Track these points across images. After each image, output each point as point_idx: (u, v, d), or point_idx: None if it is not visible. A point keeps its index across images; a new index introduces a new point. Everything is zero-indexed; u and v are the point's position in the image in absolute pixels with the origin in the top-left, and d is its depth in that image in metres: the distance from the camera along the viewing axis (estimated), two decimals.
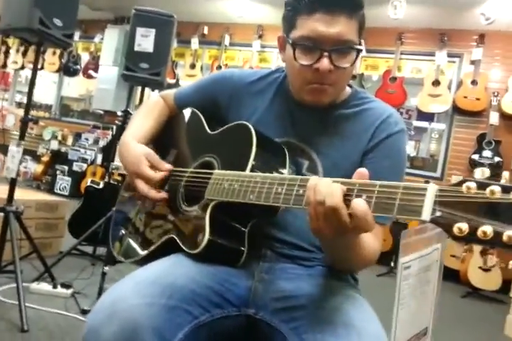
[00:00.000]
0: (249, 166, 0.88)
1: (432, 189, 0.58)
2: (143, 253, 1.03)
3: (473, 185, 0.54)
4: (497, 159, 4.59)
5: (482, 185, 0.54)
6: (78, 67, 6.70)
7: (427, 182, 4.78)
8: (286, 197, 0.75)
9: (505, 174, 4.37)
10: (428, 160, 5.32)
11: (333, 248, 0.83)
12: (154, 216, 1.08)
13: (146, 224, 1.09)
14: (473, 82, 4.80)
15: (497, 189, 0.52)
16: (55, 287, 2.28)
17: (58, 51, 6.67)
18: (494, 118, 4.60)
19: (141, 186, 1.01)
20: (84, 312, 2.10)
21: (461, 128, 4.96)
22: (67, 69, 6.72)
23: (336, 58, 0.91)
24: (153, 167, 1.03)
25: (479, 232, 0.53)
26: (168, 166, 1.04)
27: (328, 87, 0.96)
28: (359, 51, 0.94)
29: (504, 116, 4.67)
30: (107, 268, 2.26)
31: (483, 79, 4.81)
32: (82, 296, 2.31)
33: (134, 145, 1.07)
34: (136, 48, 2.53)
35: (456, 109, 4.91)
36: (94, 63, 6.48)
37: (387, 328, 0.80)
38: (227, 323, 0.86)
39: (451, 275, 4.44)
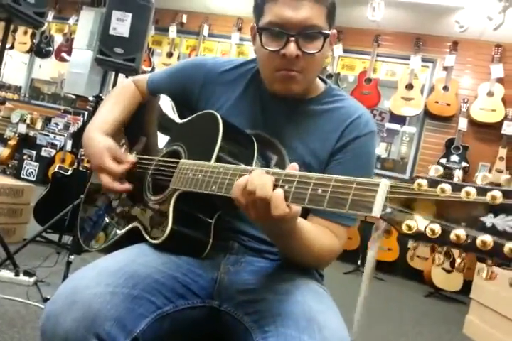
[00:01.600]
0: (215, 156, 0.87)
1: (383, 185, 0.57)
2: (108, 241, 1.02)
3: (424, 182, 0.54)
4: (464, 164, 4.73)
5: (433, 183, 0.53)
6: (51, 48, 6.50)
7: None
8: None
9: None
10: (398, 162, 5.43)
11: (274, 236, 0.85)
12: (121, 205, 1.07)
13: (112, 212, 1.08)
14: (445, 88, 4.93)
15: (447, 187, 0.52)
16: (17, 274, 2.22)
17: (30, 31, 6.45)
18: (463, 124, 4.74)
19: (105, 180, 0.99)
20: (46, 300, 2.06)
21: (431, 132, 5.09)
22: (39, 51, 6.52)
23: (302, 43, 0.90)
24: (116, 159, 1.01)
25: (427, 230, 0.52)
26: (131, 158, 1.02)
27: (296, 74, 0.94)
28: (326, 36, 0.92)
29: (472, 122, 4.82)
30: (72, 257, 2.22)
31: (454, 86, 4.94)
32: (45, 285, 2.26)
33: (98, 138, 1.05)
34: (111, 32, 2.48)
35: (427, 113, 5.04)
36: (68, 46, 6.30)
37: (349, 323, 0.82)
38: (191, 314, 0.85)
39: (415, 276, 4.57)
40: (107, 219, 1.09)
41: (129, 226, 0.97)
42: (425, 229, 0.52)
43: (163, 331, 0.80)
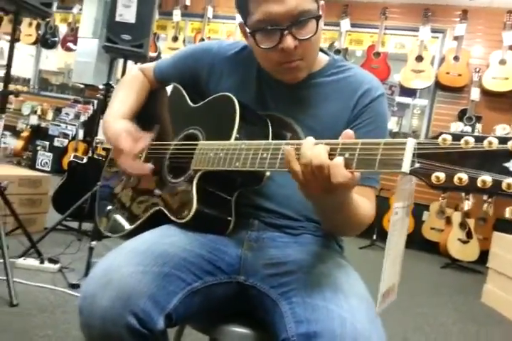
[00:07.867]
0: (234, 135, 0.89)
1: (410, 143, 0.61)
2: (130, 227, 1.04)
3: (448, 137, 0.58)
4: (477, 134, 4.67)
5: (457, 137, 0.57)
6: (56, 39, 6.50)
7: None
8: (272, 162, 0.77)
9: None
10: (410, 136, 5.37)
11: (326, 209, 0.84)
12: (140, 190, 1.09)
13: (133, 198, 1.10)
14: (456, 58, 4.83)
15: (471, 140, 0.56)
16: (42, 262, 2.29)
17: (34, 22, 6.44)
18: (475, 94, 4.66)
19: (123, 160, 1.00)
20: (72, 286, 2.12)
21: (443, 104, 5.02)
22: (45, 42, 6.52)
23: (297, 32, 0.89)
24: (133, 140, 1.01)
25: (455, 179, 0.56)
26: (148, 135, 1.03)
27: (299, 62, 0.94)
28: (318, 18, 0.91)
29: (484, 92, 4.73)
30: (94, 243, 2.27)
31: (465, 55, 4.84)
32: (70, 271, 2.32)
33: (115, 122, 1.07)
34: (118, 19, 2.47)
35: (439, 85, 4.96)
36: (73, 35, 6.29)
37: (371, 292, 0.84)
38: (219, 290, 0.89)
39: (431, 247, 4.58)
40: (128, 206, 1.10)
41: (153, 210, 0.99)
42: (453, 178, 0.56)
43: (194, 306, 0.84)
